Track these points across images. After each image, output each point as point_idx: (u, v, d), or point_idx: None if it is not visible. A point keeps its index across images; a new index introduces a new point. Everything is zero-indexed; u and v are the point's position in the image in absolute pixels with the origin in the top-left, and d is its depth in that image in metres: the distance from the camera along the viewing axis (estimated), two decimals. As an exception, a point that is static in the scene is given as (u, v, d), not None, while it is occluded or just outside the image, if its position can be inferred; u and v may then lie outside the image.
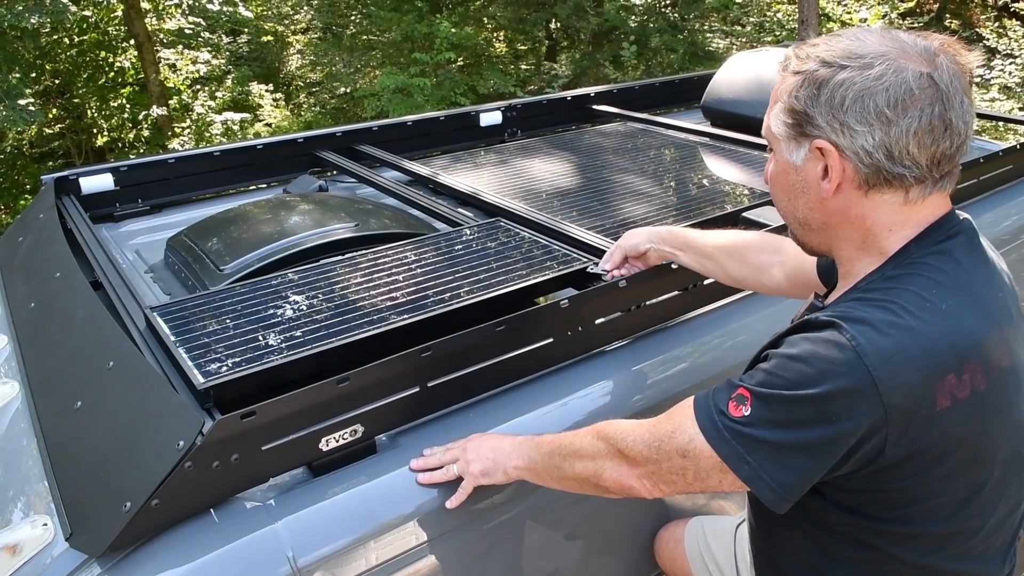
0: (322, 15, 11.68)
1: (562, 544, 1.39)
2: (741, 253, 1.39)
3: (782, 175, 1.02)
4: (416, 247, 1.64)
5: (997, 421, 0.92)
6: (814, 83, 0.93)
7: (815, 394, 0.85)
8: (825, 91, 0.92)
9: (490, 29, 11.69)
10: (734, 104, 2.78)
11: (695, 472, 0.96)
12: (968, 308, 0.90)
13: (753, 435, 0.89)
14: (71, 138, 10.51)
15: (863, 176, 0.93)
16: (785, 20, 10.39)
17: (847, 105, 0.90)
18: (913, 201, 0.94)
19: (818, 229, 1.01)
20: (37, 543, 1.07)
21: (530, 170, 2.32)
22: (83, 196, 2.15)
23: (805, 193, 0.99)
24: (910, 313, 0.88)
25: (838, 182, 0.94)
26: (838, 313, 0.90)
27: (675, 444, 0.97)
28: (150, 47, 9.59)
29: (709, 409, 0.94)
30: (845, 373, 0.85)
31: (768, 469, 0.89)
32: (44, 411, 1.32)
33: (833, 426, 0.86)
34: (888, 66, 0.89)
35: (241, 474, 1.08)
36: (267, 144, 2.44)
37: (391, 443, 1.24)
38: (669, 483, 1.00)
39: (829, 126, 0.92)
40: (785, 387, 0.88)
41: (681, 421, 0.97)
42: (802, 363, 0.87)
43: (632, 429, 1.05)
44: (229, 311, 1.37)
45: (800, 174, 0.99)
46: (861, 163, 0.92)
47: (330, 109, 11.62)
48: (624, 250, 1.51)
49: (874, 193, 0.94)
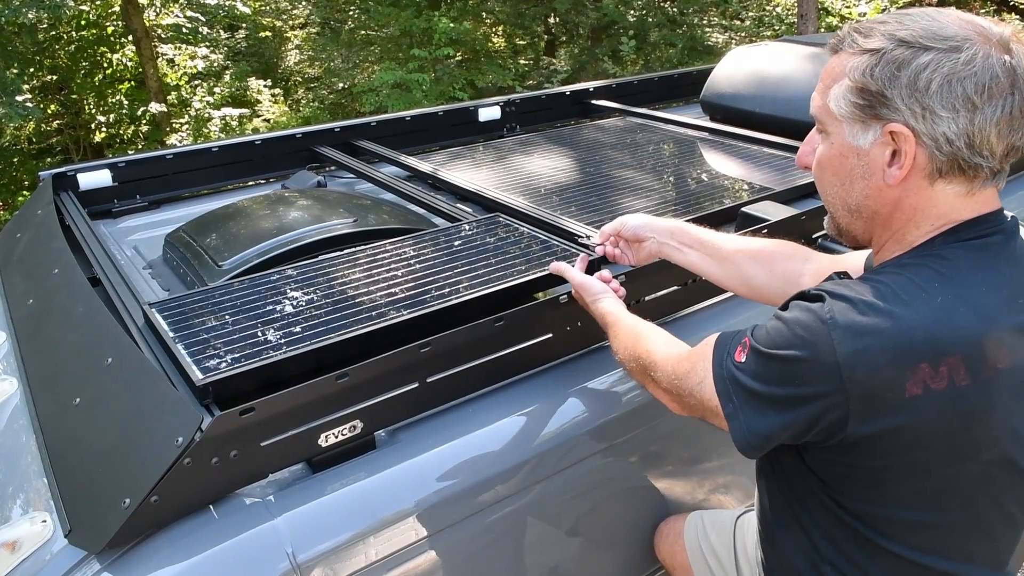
0: (320, 10, 11.64)
1: (562, 539, 1.39)
2: (768, 259, 1.29)
3: (838, 159, 0.97)
4: (415, 243, 1.63)
5: (983, 421, 0.89)
6: (893, 63, 0.88)
7: (786, 356, 0.90)
8: (906, 72, 0.88)
9: (488, 24, 11.65)
10: (733, 99, 2.78)
11: (702, 409, 1.04)
12: (966, 305, 0.88)
13: (740, 379, 0.96)
14: (69, 134, 10.48)
15: (936, 164, 0.90)
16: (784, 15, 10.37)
17: (933, 89, 0.86)
18: (973, 193, 0.92)
19: (868, 218, 0.98)
20: (36, 540, 1.07)
21: (529, 165, 2.32)
22: (81, 192, 2.14)
23: (865, 179, 0.96)
24: (898, 298, 0.88)
25: (908, 169, 0.91)
26: (829, 288, 0.92)
27: (689, 383, 1.05)
28: (148, 43, 9.56)
29: (724, 350, 1.01)
30: (812, 342, 0.88)
31: (744, 411, 0.95)
32: (43, 408, 1.32)
33: (795, 388, 0.90)
34: (976, 51, 0.86)
35: (240, 470, 1.08)
36: (265, 140, 2.44)
37: (390, 439, 1.24)
38: (691, 411, 1.09)
39: (909, 109, 0.88)
40: (767, 344, 0.93)
41: (696, 362, 1.04)
42: (784, 326, 0.92)
43: (661, 360, 1.12)
44: (228, 307, 1.37)
45: (863, 159, 0.95)
46: (938, 151, 0.89)
47: (328, 104, 11.60)
48: (619, 225, 1.45)
49: (941, 183, 0.92)
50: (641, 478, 1.51)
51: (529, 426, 1.31)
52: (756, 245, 1.32)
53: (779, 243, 1.32)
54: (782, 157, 2.31)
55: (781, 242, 1.32)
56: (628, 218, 1.45)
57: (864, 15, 9.39)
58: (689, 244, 1.36)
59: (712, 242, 1.34)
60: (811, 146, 1.04)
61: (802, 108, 1.09)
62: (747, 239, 1.36)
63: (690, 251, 1.36)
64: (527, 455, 1.29)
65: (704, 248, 1.34)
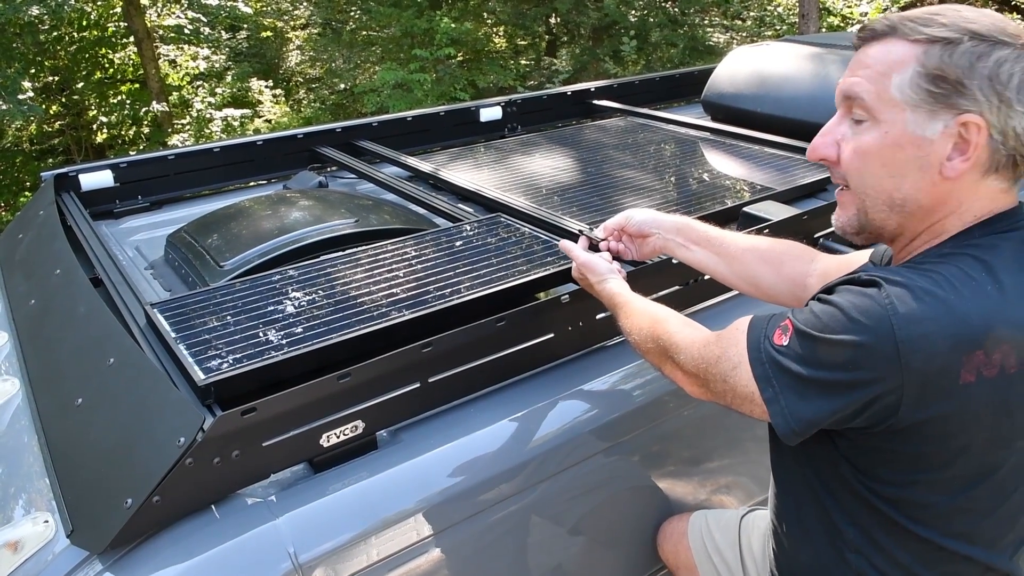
0: (321, 11, 11.65)
1: (564, 539, 1.39)
2: (776, 260, 1.28)
3: (891, 148, 0.94)
4: (416, 243, 1.63)
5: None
6: (972, 53, 0.88)
7: (841, 340, 0.88)
8: (986, 63, 0.88)
9: (490, 24, 11.66)
10: (735, 99, 2.78)
11: (733, 396, 0.99)
12: (1015, 293, 0.89)
13: (782, 363, 0.93)
14: (71, 135, 10.50)
15: (996, 159, 0.91)
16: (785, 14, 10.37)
17: (1014, 83, 0.87)
18: (1010, 189, 0.94)
19: (911, 212, 0.96)
20: (38, 540, 1.07)
21: (530, 165, 2.32)
22: (83, 193, 2.15)
23: (921, 171, 0.93)
24: (952, 286, 0.88)
25: (972, 162, 0.91)
26: (883, 274, 0.91)
27: (720, 369, 1.00)
28: (149, 43, 9.57)
29: (760, 333, 0.97)
30: (872, 327, 0.86)
31: (787, 396, 0.92)
32: (45, 408, 1.32)
33: (850, 373, 0.88)
34: None
35: (242, 470, 1.08)
36: (267, 140, 2.44)
37: (392, 439, 1.24)
38: (716, 397, 1.04)
39: (987, 100, 0.88)
40: (818, 328, 0.90)
41: (728, 347, 1.00)
42: (839, 310, 0.89)
43: (685, 343, 1.08)
44: (229, 307, 1.37)
45: (924, 149, 0.92)
46: (1003, 144, 0.89)
47: (330, 105, 11.61)
48: (624, 220, 1.42)
49: (991, 177, 0.92)
50: (643, 478, 1.51)
51: (531, 426, 1.31)
52: (764, 245, 1.31)
53: (786, 243, 1.31)
54: (784, 157, 2.31)
55: (788, 242, 1.32)
56: (633, 212, 1.42)
57: (866, 15, 9.38)
58: (696, 241, 1.34)
59: (720, 241, 1.33)
60: (833, 137, 1.00)
61: (804, 108, 1.08)
62: (754, 238, 1.35)
63: (697, 248, 1.34)
64: (529, 455, 1.29)
65: (711, 246, 1.33)
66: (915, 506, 0.96)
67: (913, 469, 0.94)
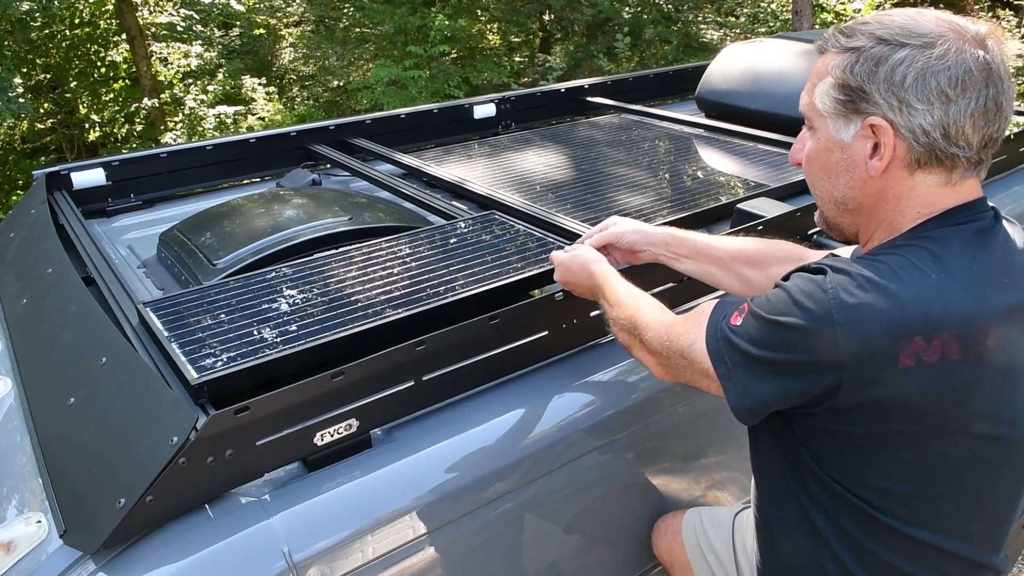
0: (314, 8, 11.61)
1: (558, 537, 1.39)
2: (764, 262, 1.32)
3: (824, 153, 1.02)
4: (410, 241, 1.63)
5: (972, 395, 0.92)
6: (871, 60, 0.94)
7: (784, 322, 0.93)
8: (884, 68, 0.93)
9: (483, 21, 11.64)
10: (728, 95, 2.78)
11: (692, 371, 1.05)
12: (959, 283, 0.91)
13: (734, 341, 0.98)
14: (63, 133, 10.45)
15: (915, 155, 0.95)
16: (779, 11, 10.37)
17: (908, 83, 0.91)
18: (953, 183, 0.96)
19: (854, 210, 1.03)
20: (31, 540, 1.07)
21: (524, 163, 2.32)
22: (75, 191, 2.14)
23: (849, 172, 1.00)
24: (895, 275, 0.91)
25: (888, 160, 0.96)
26: (832, 263, 0.96)
27: (679, 346, 1.06)
28: (142, 41, 9.52)
29: (720, 314, 1.03)
30: (813, 311, 0.91)
31: (738, 373, 0.97)
32: (37, 408, 1.32)
33: (791, 354, 0.93)
34: (949, 46, 0.91)
35: (236, 469, 1.08)
36: (260, 138, 2.43)
37: (386, 437, 1.24)
38: (677, 375, 1.10)
39: (887, 103, 0.93)
40: (767, 310, 0.96)
41: (691, 326, 1.06)
42: (787, 294, 0.95)
43: (653, 322, 1.14)
44: (222, 306, 1.37)
45: (846, 152, 0.99)
46: (915, 142, 0.93)
47: (323, 102, 11.58)
48: (612, 237, 1.41)
49: (920, 173, 0.96)
50: (638, 476, 1.51)
51: (525, 424, 1.31)
52: (752, 249, 1.34)
53: (774, 245, 1.34)
54: (777, 153, 2.31)
55: (775, 243, 1.35)
56: (620, 229, 1.41)
57: (859, 11, 9.40)
58: (685, 254, 1.38)
59: (708, 250, 1.36)
60: (802, 143, 1.08)
61: (797, 104, 1.10)
62: (742, 242, 1.37)
63: (687, 261, 1.38)
64: (523, 453, 1.29)
65: (700, 256, 1.37)
66: (875, 492, 0.98)
67: (863, 453, 0.96)
